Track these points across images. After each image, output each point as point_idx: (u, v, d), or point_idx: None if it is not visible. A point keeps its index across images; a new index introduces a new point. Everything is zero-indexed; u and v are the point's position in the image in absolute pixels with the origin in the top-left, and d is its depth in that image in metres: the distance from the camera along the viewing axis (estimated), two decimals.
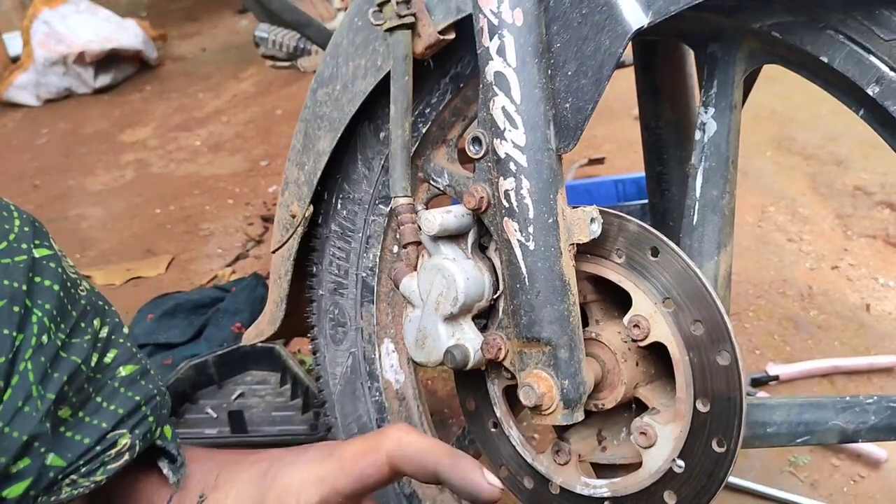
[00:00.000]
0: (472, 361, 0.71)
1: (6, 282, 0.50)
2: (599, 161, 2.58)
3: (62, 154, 3.79)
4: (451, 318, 0.72)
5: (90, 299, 0.58)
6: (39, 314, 0.52)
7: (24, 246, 0.53)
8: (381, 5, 0.72)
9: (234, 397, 1.68)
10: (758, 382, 1.61)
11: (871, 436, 0.68)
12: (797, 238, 2.14)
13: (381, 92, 0.78)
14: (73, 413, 0.54)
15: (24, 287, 0.51)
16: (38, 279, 0.53)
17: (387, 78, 0.75)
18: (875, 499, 1.37)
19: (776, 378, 1.62)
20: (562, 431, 0.76)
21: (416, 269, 0.75)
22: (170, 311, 2.08)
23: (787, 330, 1.80)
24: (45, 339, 0.51)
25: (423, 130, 0.80)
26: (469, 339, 0.71)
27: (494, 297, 0.71)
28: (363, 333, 0.91)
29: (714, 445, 0.66)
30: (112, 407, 0.56)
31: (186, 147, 3.63)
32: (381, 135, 0.84)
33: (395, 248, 0.88)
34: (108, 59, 4.57)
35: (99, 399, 0.56)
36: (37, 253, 0.54)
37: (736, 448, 0.65)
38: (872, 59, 0.61)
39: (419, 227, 0.72)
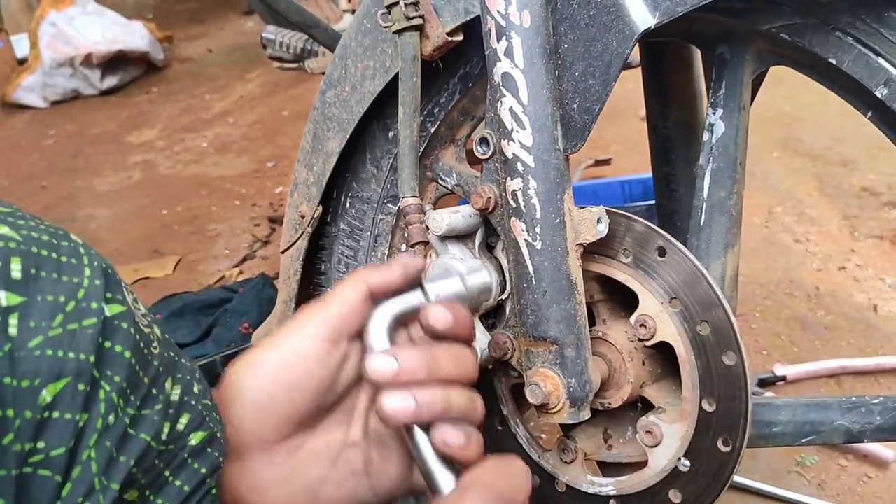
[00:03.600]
0: (479, 360, 0.71)
1: (71, 354, 0.43)
2: (606, 162, 2.58)
3: (70, 155, 3.80)
4: None
5: (162, 357, 0.51)
6: (108, 388, 0.45)
7: (94, 305, 0.46)
8: (389, 7, 0.72)
9: None
10: (765, 383, 1.61)
11: (877, 436, 0.68)
12: (804, 239, 2.13)
13: (390, 92, 0.78)
14: (140, 494, 0.48)
15: (93, 358, 0.44)
16: (107, 345, 0.46)
17: (395, 79, 0.75)
18: (883, 499, 1.37)
19: (783, 379, 1.62)
20: (568, 430, 0.77)
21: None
22: (177, 311, 2.09)
23: (794, 331, 1.80)
24: (111, 419, 0.45)
25: (432, 130, 0.81)
26: (476, 338, 0.71)
27: (502, 296, 0.72)
28: None
29: (720, 445, 0.66)
30: (178, 483, 0.50)
31: (193, 148, 3.64)
32: (390, 134, 0.85)
33: (404, 247, 0.89)
34: (115, 61, 4.59)
35: (167, 474, 0.50)
36: (109, 311, 0.46)
37: (741, 448, 0.65)
38: (881, 61, 0.62)
39: (427, 227, 0.72)
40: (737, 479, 1.37)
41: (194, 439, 0.51)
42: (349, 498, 0.61)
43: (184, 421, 0.51)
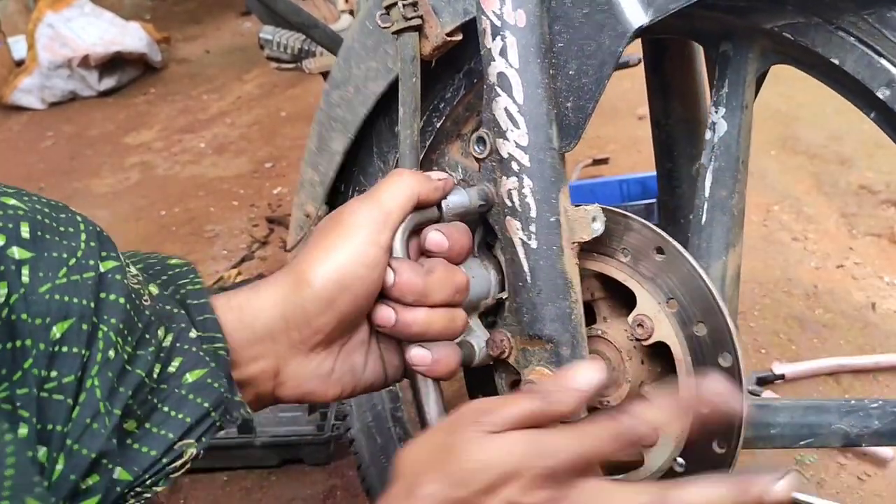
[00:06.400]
0: (478, 358, 0.71)
1: (75, 300, 0.51)
2: (604, 161, 2.58)
3: (67, 157, 3.79)
4: None
5: (154, 308, 0.58)
6: (106, 329, 0.52)
7: (91, 262, 0.53)
8: (388, 8, 0.72)
9: None
10: (763, 381, 1.61)
11: (874, 440, 0.68)
12: (802, 237, 2.13)
13: (395, 89, 0.78)
14: (138, 425, 0.54)
15: (92, 304, 0.52)
16: (103, 294, 0.53)
17: (398, 79, 0.75)
18: (882, 497, 1.37)
19: (782, 377, 1.61)
20: None
21: None
22: None
23: (792, 329, 1.80)
24: (111, 353, 0.52)
25: (438, 125, 0.81)
26: (475, 336, 0.71)
27: (501, 294, 0.72)
28: None
29: (714, 447, 0.66)
30: (180, 416, 0.56)
31: (191, 149, 3.63)
32: (396, 129, 0.85)
33: None
34: (113, 62, 4.58)
35: (166, 409, 0.56)
36: (103, 267, 0.54)
37: (736, 450, 0.65)
38: (884, 62, 0.61)
39: None
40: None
41: (191, 377, 0.57)
42: (375, 380, 0.70)
43: (175, 363, 0.57)
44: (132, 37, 4.66)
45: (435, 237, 0.65)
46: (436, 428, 0.62)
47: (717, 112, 0.74)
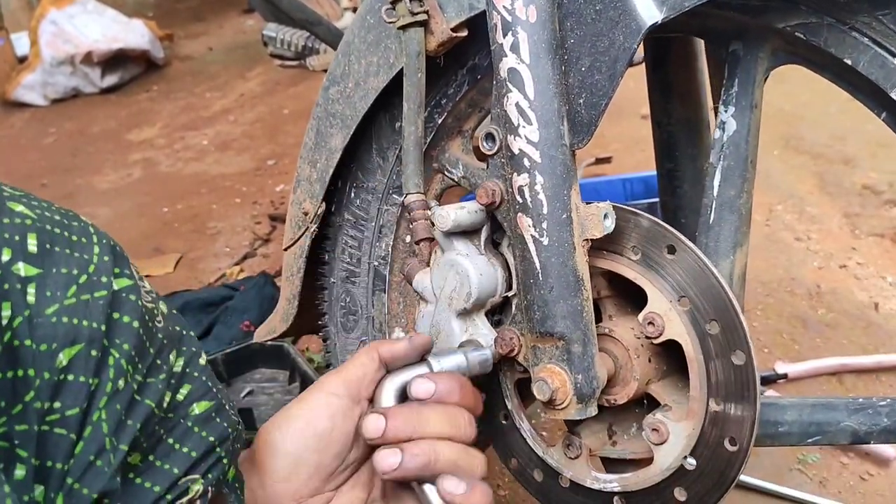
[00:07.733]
0: (492, 364, 0.71)
1: (85, 322, 0.47)
2: (607, 160, 2.58)
3: (70, 153, 3.80)
4: (464, 314, 0.72)
5: (167, 330, 0.54)
6: (117, 356, 0.48)
7: (103, 279, 0.49)
8: (393, 3, 0.72)
9: (242, 395, 1.68)
10: (766, 381, 1.61)
11: (883, 438, 0.68)
12: (805, 237, 2.13)
13: (396, 84, 0.78)
14: (143, 458, 0.51)
15: (103, 327, 0.48)
16: (116, 315, 0.49)
17: (400, 74, 0.75)
18: (884, 496, 1.37)
19: (785, 376, 1.62)
20: (573, 425, 0.76)
21: (428, 265, 0.75)
22: (178, 309, 2.05)
23: (795, 328, 1.80)
24: (121, 383, 0.48)
25: (439, 121, 0.80)
26: (482, 334, 0.71)
27: (507, 293, 0.72)
28: (374, 322, 0.91)
29: (726, 444, 0.66)
30: (185, 449, 0.52)
31: (193, 146, 3.63)
32: (397, 125, 0.84)
33: (408, 238, 0.88)
34: (116, 59, 4.58)
35: (171, 441, 0.52)
36: (116, 285, 0.50)
37: (748, 448, 0.65)
38: None
39: (432, 223, 0.72)
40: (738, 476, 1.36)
41: (197, 409, 0.54)
42: None
43: (184, 391, 0.54)
44: (135, 34, 4.67)
45: (420, 384, 0.64)
46: None
47: (726, 111, 0.74)
